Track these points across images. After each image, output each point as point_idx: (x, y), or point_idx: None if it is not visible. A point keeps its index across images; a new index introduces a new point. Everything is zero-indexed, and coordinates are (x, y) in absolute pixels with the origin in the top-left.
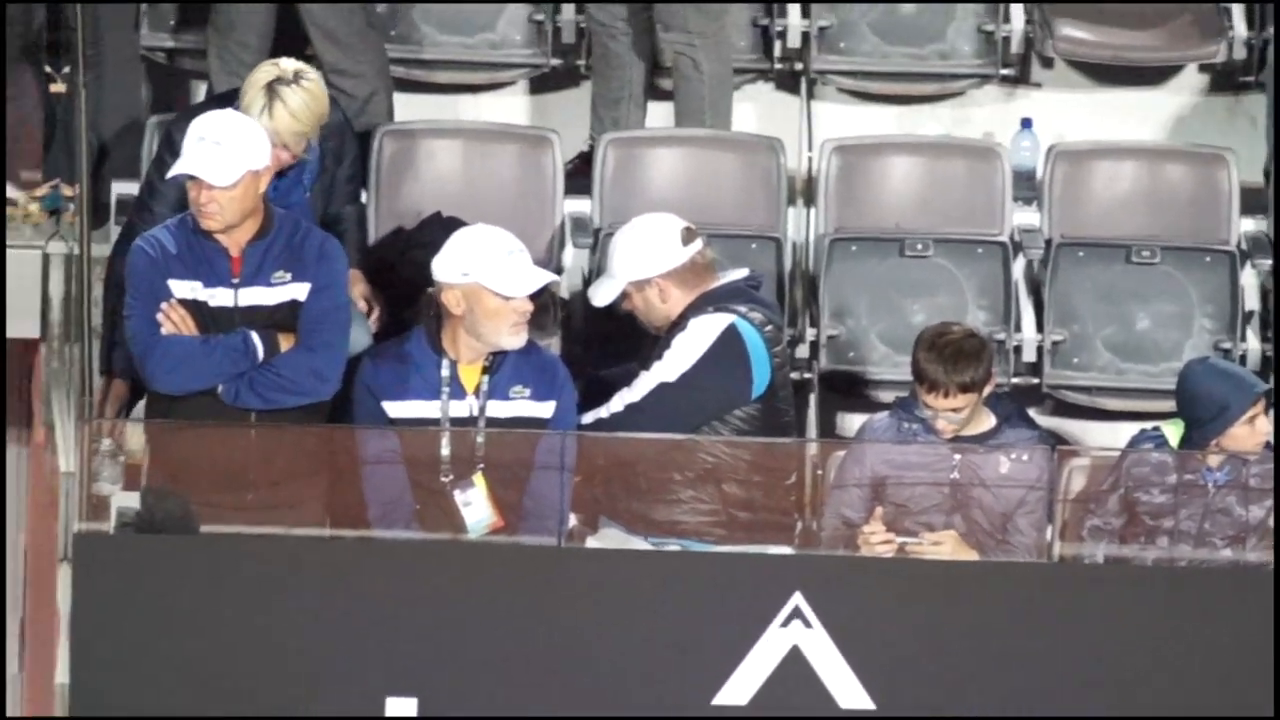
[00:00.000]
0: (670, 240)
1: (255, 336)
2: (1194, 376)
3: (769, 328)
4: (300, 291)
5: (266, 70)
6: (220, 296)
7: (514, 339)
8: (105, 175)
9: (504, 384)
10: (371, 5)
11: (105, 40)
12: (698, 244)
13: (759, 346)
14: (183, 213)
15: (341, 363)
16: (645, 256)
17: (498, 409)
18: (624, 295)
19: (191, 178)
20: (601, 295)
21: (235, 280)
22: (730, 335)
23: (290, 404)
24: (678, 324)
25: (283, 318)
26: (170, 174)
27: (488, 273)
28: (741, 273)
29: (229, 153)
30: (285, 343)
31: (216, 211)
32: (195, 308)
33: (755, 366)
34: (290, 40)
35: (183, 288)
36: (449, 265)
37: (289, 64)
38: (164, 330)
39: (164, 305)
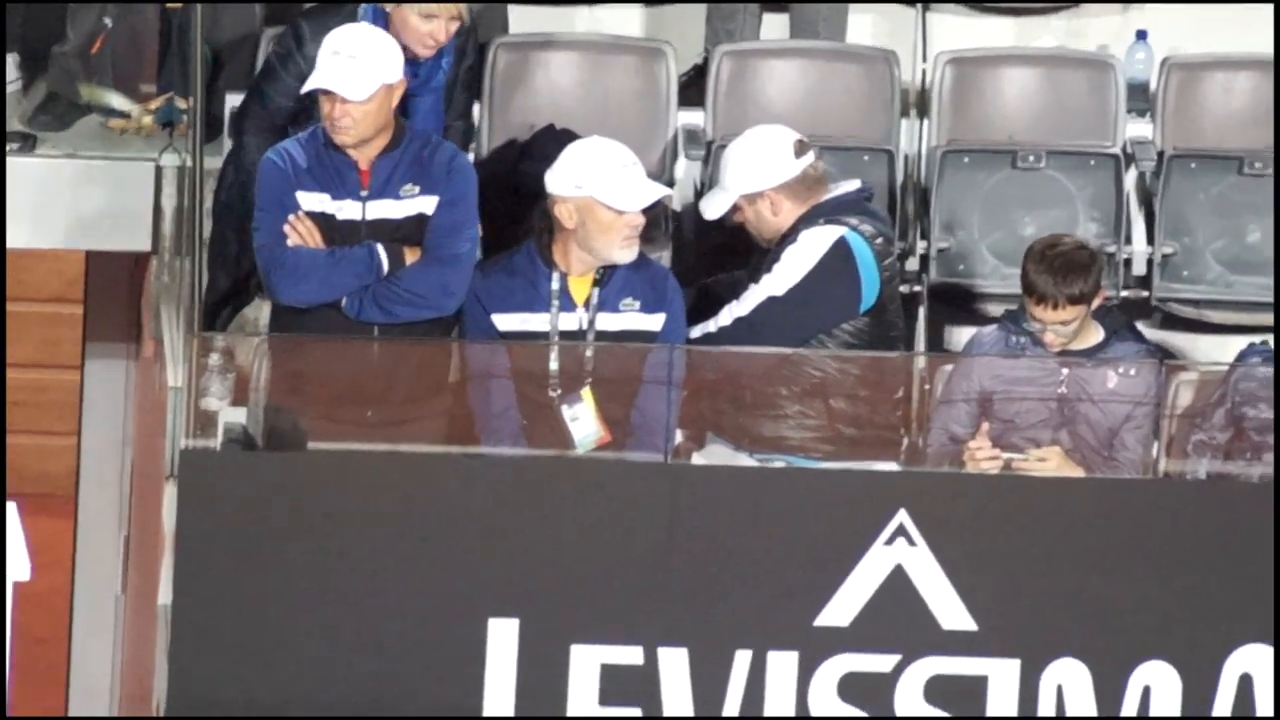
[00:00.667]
0: (782, 152)
1: (381, 249)
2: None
3: (879, 240)
4: (428, 205)
5: None
6: (348, 209)
7: (626, 253)
8: (219, 88)
9: (614, 296)
10: None
11: None
12: (809, 156)
13: (869, 260)
14: (312, 127)
15: (467, 277)
16: (757, 169)
17: (607, 321)
18: (735, 208)
19: (326, 92)
20: (713, 208)
21: (364, 193)
22: (840, 248)
23: (414, 317)
24: (788, 236)
25: (410, 231)
26: (306, 88)
27: (602, 186)
28: (853, 185)
29: (363, 66)
30: (411, 256)
31: (350, 125)
32: (323, 220)
33: (865, 280)
34: None
35: (311, 200)
36: (563, 177)
37: None
38: (290, 242)
39: (291, 218)
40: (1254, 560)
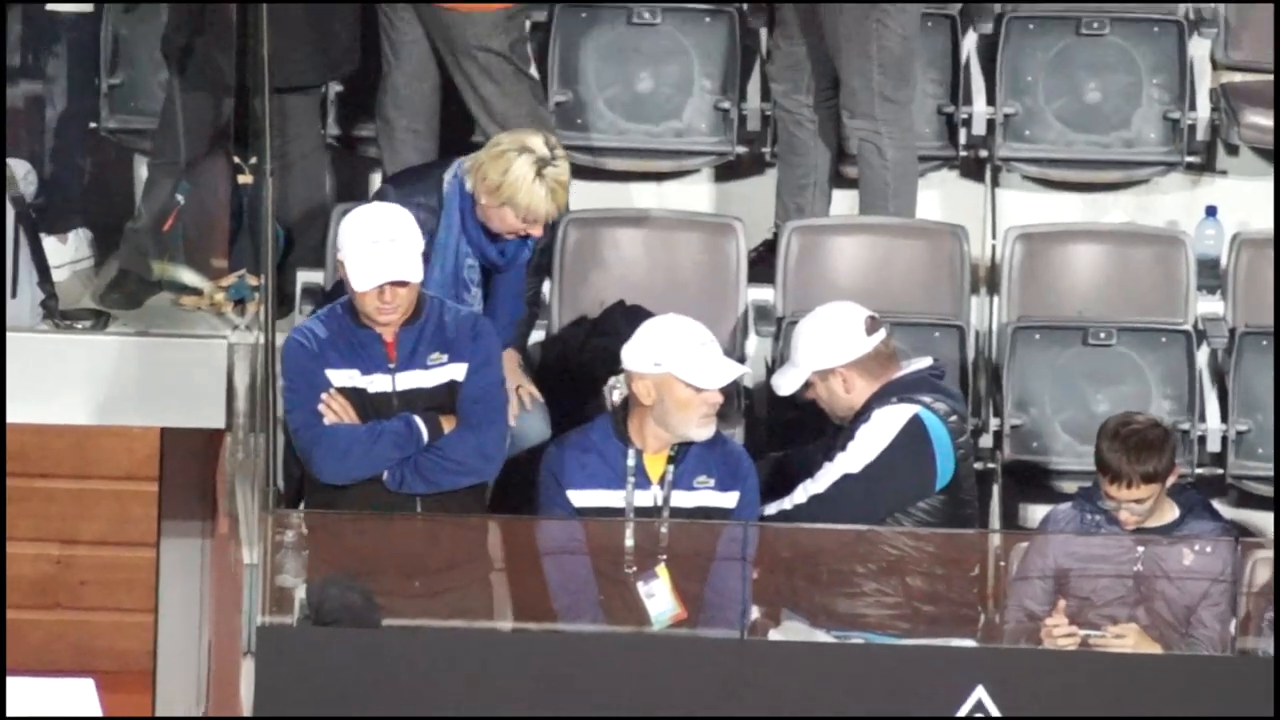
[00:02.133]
0: (854, 329)
1: (419, 421)
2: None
3: (953, 418)
4: (458, 372)
5: (524, 159)
6: (378, 382)
7: (703, 430)
8: (291, 265)
9: (688, 474)
10: (538, 87)
11: (290, 130)
12: (881, 333)
13: (943, 438)
14: (337, 300)
15: (504, 441)
16: (829, 346)
17: (682, 499)
18: (807, 385)
19: (394, 283)
20: (786, 384)
21: (392, 365)
22: (914, 426)
23: (456, 485)
24: (861, 414)
25: (441, 399)
26: (364, 287)
27: (681, 363)
28: (925, 362)
29: (406, 248)
30: (447, 424)
31: (400, 306)
32: (355, 395)
33: (939, 458)
34: (458, 123)
35: (340, 376)
36: (640, 354)
37: (535, 140)
38: (326, 420)
39: (324, 396)
40: None
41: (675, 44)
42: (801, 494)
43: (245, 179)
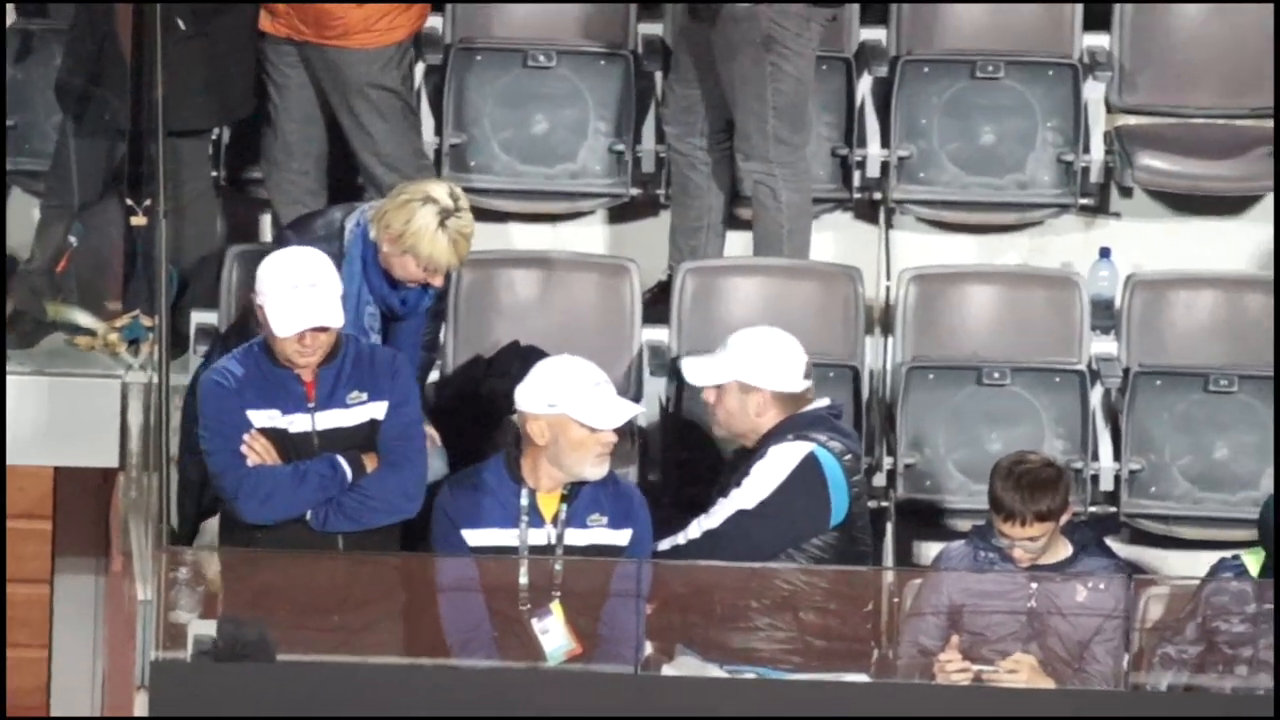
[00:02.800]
0: (795, 365)
1: (343, 461)
2: (1275, 505)
3: (848, 457)
4: (378, 410)
5: (427, 209)
6: (299, 422)
7: (597, 469)
8: (185, 305)
9: (582, 512)
10: (417, 135)
11: (183, 173)
12: (809, 383)
13: (837, 475)
14: (247, 343)
15: (424, 477)
16: (767, 368)
17: (575, 537)
18: (719, 389)
19: (315, 329)
20: (702, 376)
21: (311, 405)
22: (809, 464)
23: (379, 524)
24: (756, 451)
25: (361, 438)
26: (286, 334)
27: (575, 404)
28: (822, 402)
29: (327, 292)
30: (370, 463)
31: (320, 349)
32: (275, 435)
33: (834, 495)
34: (346, 166)
35: (261, 417)
36: (534, 395)
37: (439, 190)
38: (250, 462)
39: (246, 437)
40: None
41: (570, 87)
42: (695, 529)
43: (138, 221)
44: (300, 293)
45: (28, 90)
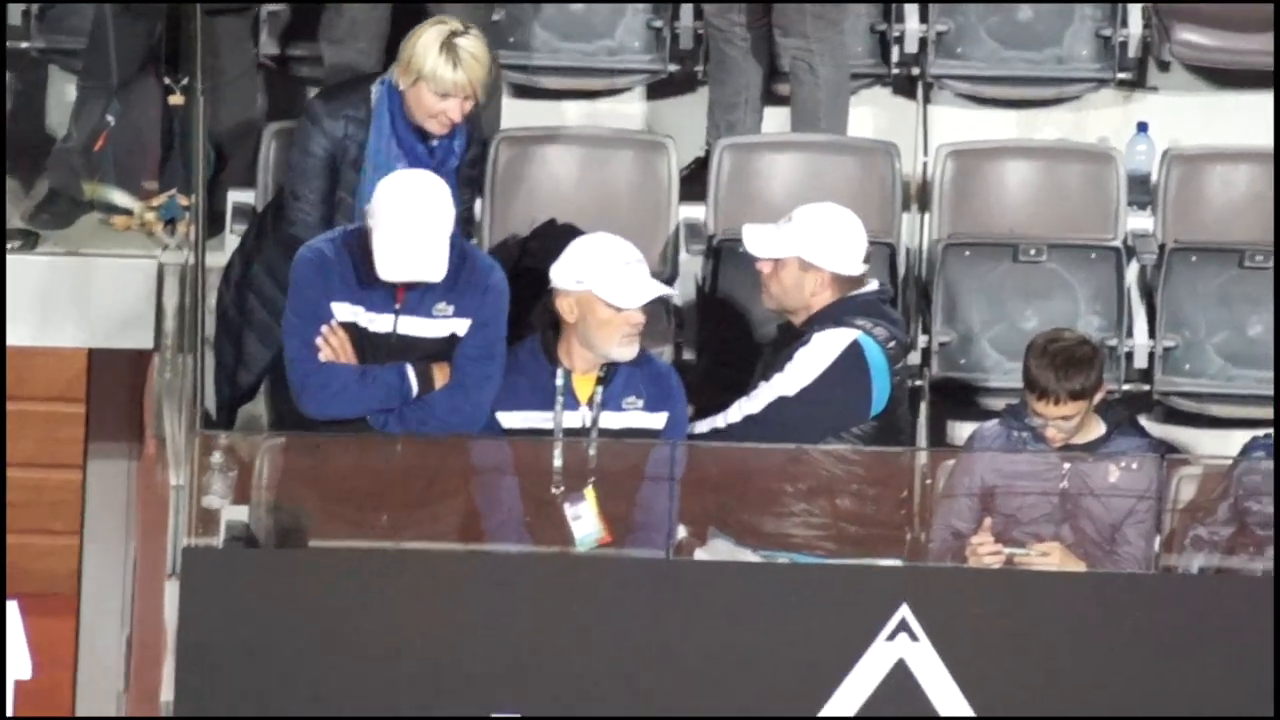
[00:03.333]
0: (857, 249)
1: (411, 372)
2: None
3: (892, 344)
4: (461, 326)
5: (433, 29)
6: (380, 323)
7: (625, 350)
8: (222, 184)
9: (617, 394)
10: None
11: (223, 50)
12: (867, 267)
13: (880, 364)
14: (342, 227)
15: (491, 398)
16: (829, 247)
17: (611, 420)
18: (774, 261)
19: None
20: (763, 247)
21: (397, 307)
22: (852, 352)
23: (437, 434)
24: (799, 334)
25: (440, 349)
26: (389, 278)
27: (602, 282)
28: (872, 285)
29: (437, 240)
30: (439, 374)
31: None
32: (354, 331)
33: (875, 384)
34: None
35: (344, 310)
36: (565, 271)
37: (451, 19)
38: (322, 357)
39: (324, 330)
40: (1255, 655)
41: None
42: (736, 413)
43: (176, 100)
44: (412, 237)
45: None
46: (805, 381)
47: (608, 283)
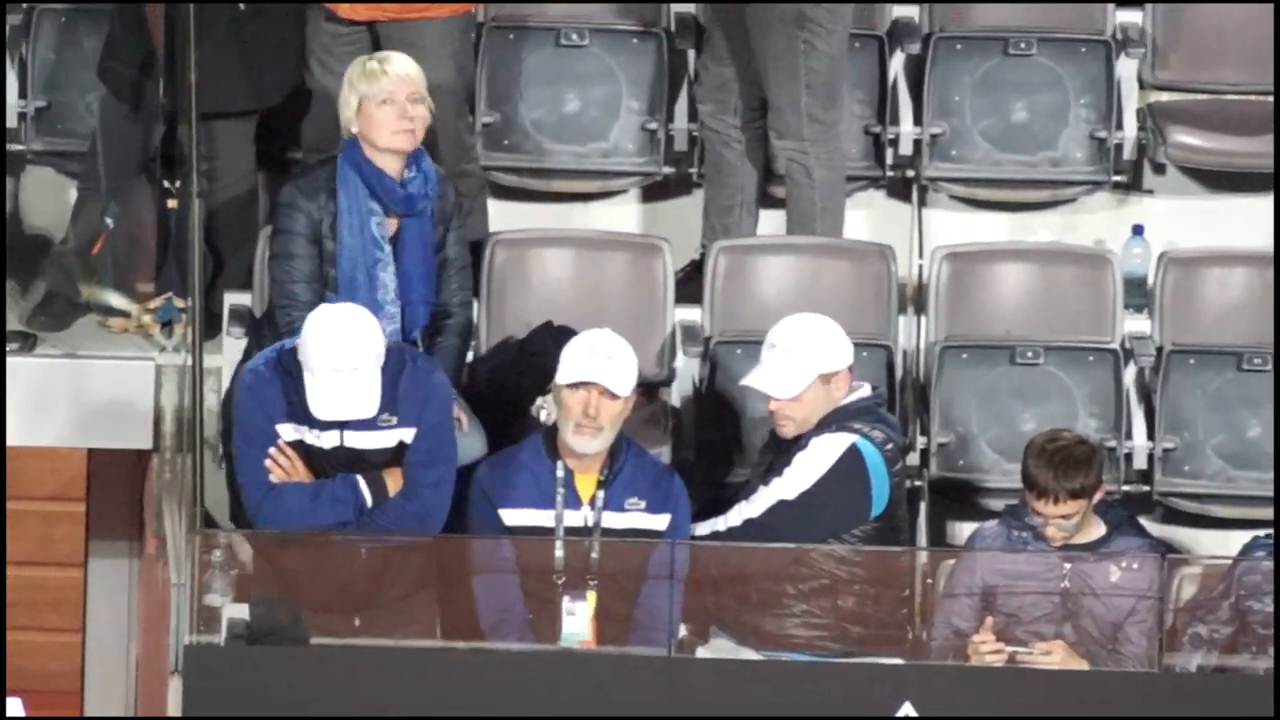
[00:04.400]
0: (844, 336)
1: (362, 483)
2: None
3: (889, 446)
4: (407, 435)
5: (354, 63)
6: (327, 439)
7: (581, 441)
8: (219, 287)
9: (619, 495)
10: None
11: (222, 153)
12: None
13: (879, 467)
14: (281, 343)
15: (448, 500)
16: (836, 349)
17: (613, 520)
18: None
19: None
20: (786, 386)
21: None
22: (852, 456)
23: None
24: (798, 441)
25: (390, 457)
26: (325, 417)
27: (562, 367)
28: (865, 389)
29: (368, 376)
30: (392, 484)
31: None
32: (302, 449)
33: (875, 487)
34: None
35: (289, 430)
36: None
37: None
38: (273, 478)
39: (272, 451)
40: None
41: (603, 65)
42: (736, 516)
43: (174, 203)
44: (341, 378)
45: (62, 71)
46: (805, 485)
47: (563, 366)
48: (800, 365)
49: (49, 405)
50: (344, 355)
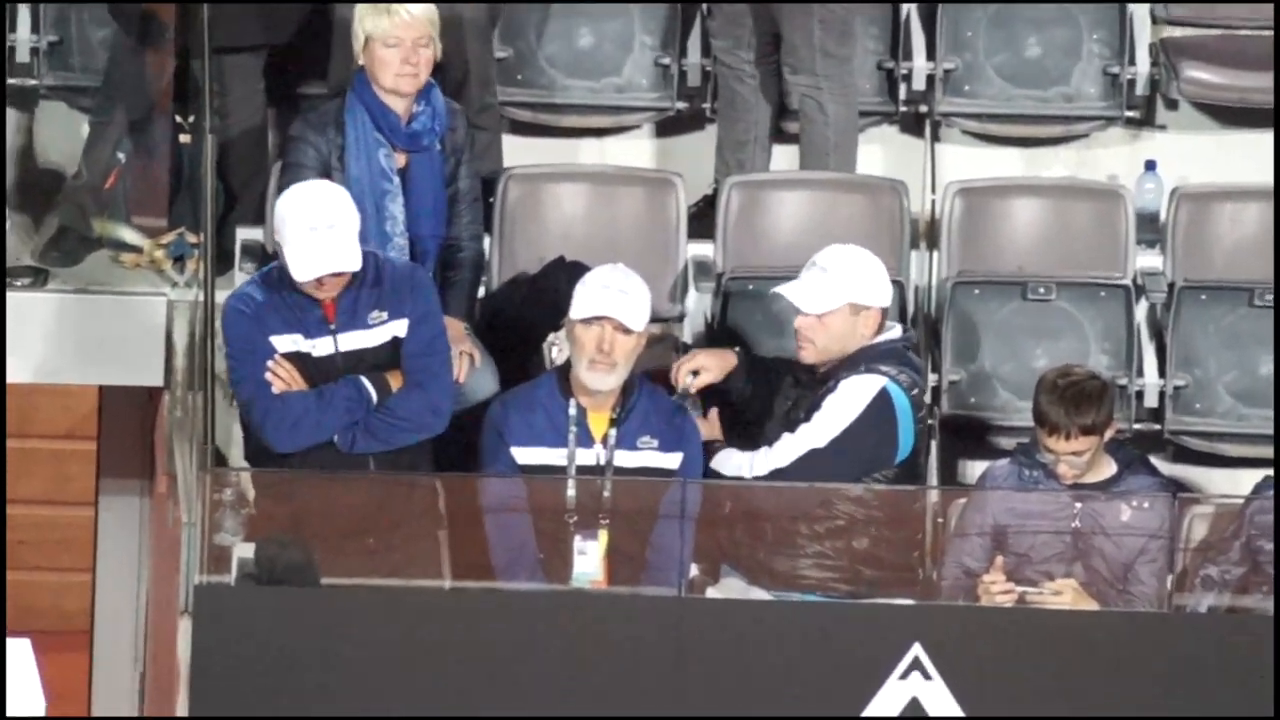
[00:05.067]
0: (886, 278)
1: (366, 382)
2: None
3: (915, 391)
4: (400, 328)
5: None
6: (322, 345)
7: (593, 377)
8: (231, 222)
9: (632, 434)
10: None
11: (233, 89)
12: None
13: (907, 412)
14: (271, 264)
15: (451, 393)
16: (875, 286)
17: (625, 459)
18: (821, 314)
19: (333, 274)
20: (818, 302)
21: (332, 326)
22: (882, 400)
23: (409, 442)
24: (827, 382)
25: (385, 357)
26: (303, 278)
27: (574, 303)
28: (896, 331)
29: (344, 233)
30: (395, 382)
31: (339, 285)
32: (298, 360)
33: (902, 432)
34: None
35: (284, 342)
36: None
37: None
38: (275, 389)
39: (270, 363)
40: (1267, 693)
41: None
42: (763, 464)
43: (186, 138)
44: (319, 235)
45: (73, 6)
46: (835, 432)
47: (575, 301)
48: (833, 287)
49: (61, 342)
50: (320, 212)
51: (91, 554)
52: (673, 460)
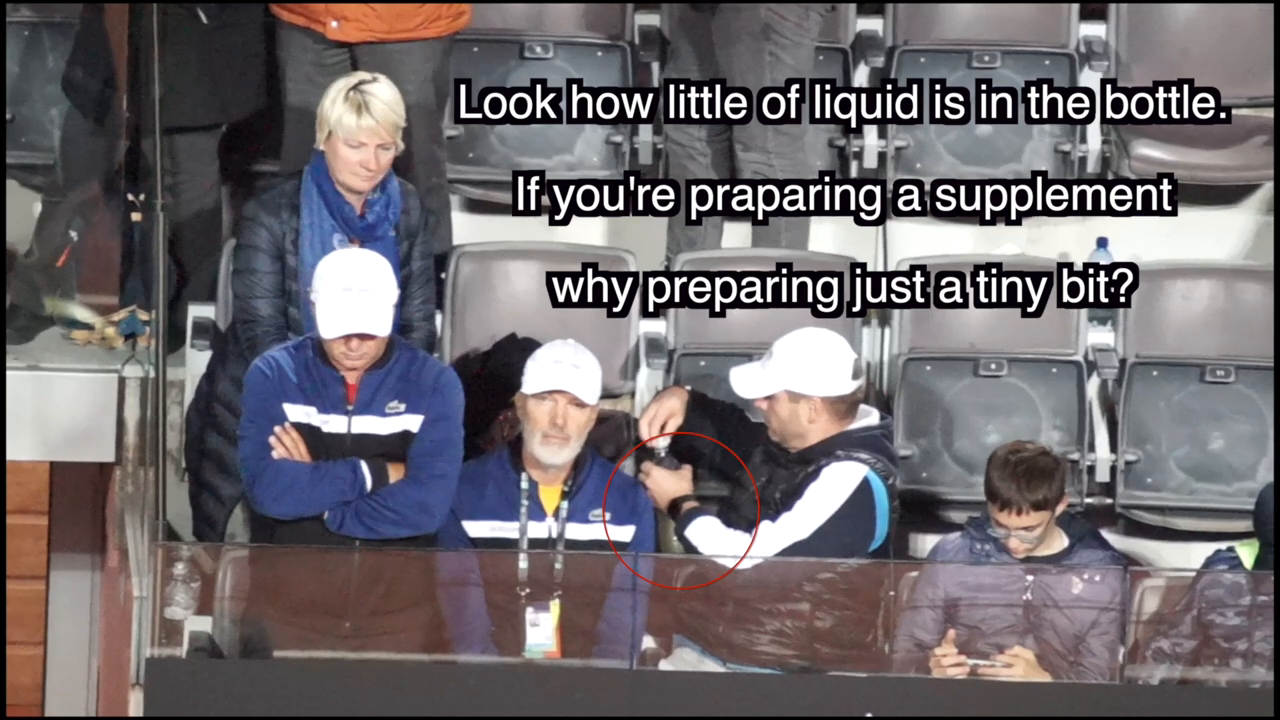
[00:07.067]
0: (843, 366)
1: (364, 466)
2: (1273, 497)
3: (890, 480)
4: (413, 423)
5: (341, 81)
6: (334, 423)
7: (546, 451)
8: (183, 299)
9: (584, 507)
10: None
11: (185, 167)
12: (861, 381)
13: (884, 502)
14: (302, 337)
15: (448, 496)
16: (814, 373)
17: (577, 531)
18: (769, 397)
19: (360, 335)
20: (752, 389)
21: (350, 408)
22: (864, 491)
23: (394, 535)
24: (808, 466)
25: (394, 447)
26: (330, 335)
27: (527, 378)
28: (873, 416)
29: (378, 299)
30: (395, 472)
31: (367, 354)
32: (308, 432)
33: (879, 522)
34: None
35: (297, 412)
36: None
37: (359, 74)
38: (275, 454)
39: (277, 429)
40: None
41: (566, 77)
42: (747, 561)
43: (138, 216)
44: (351, 296)
45: (26, 84)
46: (819, 522)
47: (528, 376)
48: (769, 374)
49: (13, 418)
50: (355, 275)
51: (43, 628)
52: (625, 533)
